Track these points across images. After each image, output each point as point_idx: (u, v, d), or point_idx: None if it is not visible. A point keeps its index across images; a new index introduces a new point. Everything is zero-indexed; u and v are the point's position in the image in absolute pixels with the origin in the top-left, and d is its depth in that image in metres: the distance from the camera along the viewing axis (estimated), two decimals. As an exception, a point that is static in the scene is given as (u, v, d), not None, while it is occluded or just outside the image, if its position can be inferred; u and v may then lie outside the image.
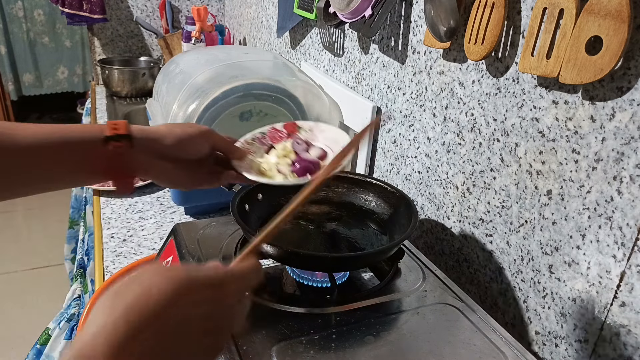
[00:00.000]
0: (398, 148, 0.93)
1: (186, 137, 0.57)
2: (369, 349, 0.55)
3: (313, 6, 1.16)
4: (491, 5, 0.64)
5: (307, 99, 1.05)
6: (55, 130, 0.50)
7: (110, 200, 1.08)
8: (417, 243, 0.90)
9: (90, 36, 2.11)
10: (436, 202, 0.84)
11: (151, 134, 0.56)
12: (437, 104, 0.81)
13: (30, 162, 0.48)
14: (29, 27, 3.47)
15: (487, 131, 0.71)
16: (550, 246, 0.63)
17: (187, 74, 1.08)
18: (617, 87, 0.52)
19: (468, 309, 0.63)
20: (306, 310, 0.60)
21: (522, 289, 0.68)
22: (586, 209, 0.57)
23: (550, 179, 0.62)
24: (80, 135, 0.51)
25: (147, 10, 2.13)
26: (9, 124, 0.47)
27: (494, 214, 0.71)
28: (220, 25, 2.00)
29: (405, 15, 0.87)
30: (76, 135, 0.51)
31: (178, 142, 0.57)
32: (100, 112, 1.64)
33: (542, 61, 0.57)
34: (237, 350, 0.53)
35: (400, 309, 0.62)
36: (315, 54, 1.29)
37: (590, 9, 0.52)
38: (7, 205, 2.86)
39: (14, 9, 3.39)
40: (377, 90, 0.98)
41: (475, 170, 0.74)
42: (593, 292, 0.57)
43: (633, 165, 0.52)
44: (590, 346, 0.58)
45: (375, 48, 0.98)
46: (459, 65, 0.75)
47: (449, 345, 0.56)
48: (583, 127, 0.57)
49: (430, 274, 0.70)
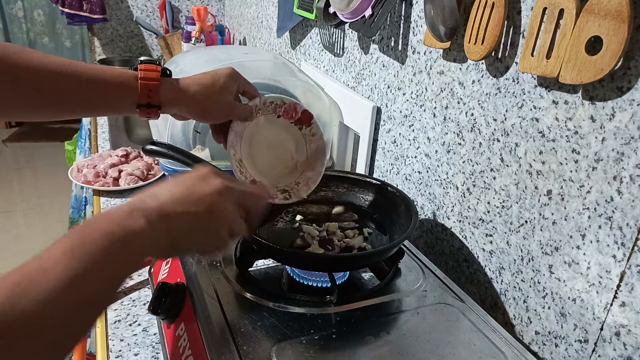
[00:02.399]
0: (398, 148, 0.93)
1: (215, 88, 0.62)
2: (369, 349, 0.55)
3: (313, 6, 1.16)
4: (491, 5, 0.64)
5: (307, 99, 1.05)
6: (101, 72, 0.57)
7: (111, 200, 1.08)
8: (417, 243, 0.90)
9: (90, 36, 2.11)
10: (436, 202, 0.84)
11: (181, 96, 0.61)
12: (437, 104, 0.81)
13: (91, 90, 0.57)
14: (29, 27, 3.47)
15: (487, 131, 0.71)
16: (550, 246, 0.63)
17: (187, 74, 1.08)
18: (617, 87, 0.52)
19: (468, 309, 0.63)
20: (306, 310, 0.60)
21: (522, 289, 0.68)
22: (586, 209, 0.57)
23: (550, 179, 0.62)
24: (114, 94, 0.59)
25: (147, 10, 2.13)
26: (68, 61, 0.56)
27: (494, 214, 0.71)
28: (220, 25, 2.00)
29: (405, 15, 0.87)
30: (112, 91, 0.58)
31: (206, 95, 0.61)
32: (100, 112, 1.65)
33: (542, 61, 0.57)
34: (237, 350, 0.53)
35: (400, 309, 0.62)
36: (315, 54, 1.29)
37: (590, 9, 0.52)
38: (7, 205, 2.87)
39: (14, 9, 3.39)
40: (377, 90, 0.98)
41: (475, 170, 0.74)
42: (593, 292, 0.57)
43: (633, 165, 0.52)
44: (590, 346, 0.58)
45: (375, 48, 0.98)
46: (459, 65, 0.75)
47: (449, 345, 0.56)
48: (583, 127, 0.57)
49: (430, 274, 0.70)
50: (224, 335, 0.55)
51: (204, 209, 0.46)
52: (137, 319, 0.73)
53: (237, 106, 0.64)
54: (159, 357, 0.66)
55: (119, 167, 1.14)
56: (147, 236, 0.41)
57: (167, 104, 0.60)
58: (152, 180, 1.13)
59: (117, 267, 0.39)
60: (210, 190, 0.47)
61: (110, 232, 0.38)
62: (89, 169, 1.13)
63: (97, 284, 0.37)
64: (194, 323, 0.59)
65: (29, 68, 0.53)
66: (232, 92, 0.63)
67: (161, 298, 0.62)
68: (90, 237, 0.37)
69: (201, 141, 0.99)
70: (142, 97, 0.58)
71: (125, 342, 0.69)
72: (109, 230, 0.38)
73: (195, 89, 0.60)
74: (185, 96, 0.60)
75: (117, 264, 0.38)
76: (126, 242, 0.39)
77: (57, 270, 0.34)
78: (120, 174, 1.11)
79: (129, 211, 0.41)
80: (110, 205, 1.06)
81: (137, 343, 0.69)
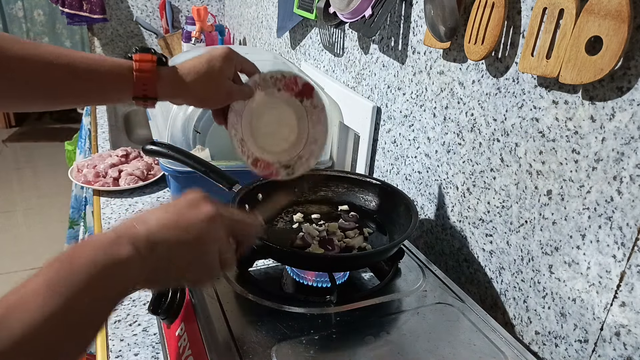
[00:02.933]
0: (398, 148, 0.93)
1: (212, 74, 0.60)
2: (369, 349, 0.55)
3: (313, 6, 1.16)
4: (491, 5, 0.64)
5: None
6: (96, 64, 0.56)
7: (110, 200, 1.07)
8: (417, 243, 0.90)
9: (90, 36, 2.11)
10: (436, 202, 0.84)
11: (177, 87, 0.60)
12: (437, 104, 0.81)
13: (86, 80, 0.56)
14: (29, 27, 3.47)
15: (487, 131, 0.71)
16: (550, 246, 0.63)
17: (187, 74, 1.08)
18: (617, 87, 0.52)
19: (468, 309, 0.63)
20: (306, 310, 0.60)
21: (522, 289, 0.68)
22: (586, 209, 0.57)
23: (550, 179, 0.62)
24: (110, 85, 0.57)
25: (147, 10, 2.13)
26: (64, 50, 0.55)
27: (494, 214, 0.71)
28: (220, 25, 2.00)
29: (405, 15, 0.87)
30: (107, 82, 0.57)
31: (204, 83, 0.60)
32: (100, 112, 1.65)
33: (542, 61, 0.57)
34: (237, 350, 0.53)
35: (400, 309, 0.62)
36: (315, 54, 1.29)
37: (590, 9, 0.52)
38: (7, 205, 2.87)
39: (14, 9, 3.39)
40: (377, 90, 0.98)
41: (475, 170, 0.74)
42: (593, 292, 0.57)
43: (633, 165, 0.52)
44: (590, 346, 0.58)
45: (375, 48, 0.98)
46: (459, 65, 0.75)
47: (449, 345, 0.56)
48: (583, 127, 0.57)
49: (430, 274, 0.70)
50: (224, 335, 0.55)
51: (194, 236, 0.44)
52: (137, 319, 0.73)
53: (235, 90, 0.63)
54: (159, 357, 0.66)
55: (119, 167, 1.14)
56: (134, 264, 0.39)
57: (164, 95, 0.59)
58: (152, 180, 1.13)
59: (99, 299, 0.37)
60: (201, 217, 0.45)
61: (93, 262, 0.36)
62: (89, 169, 1.13)
63: (80, 316, 0.35)
64: (194, 323, 0.59)
65: (22, 58, 0.52)
66: (230, 75, 0.62)
67: (161, 298, 0.62)
68: (74, 267, 0.35)
69: (201, 141, 0.99)
70: (137, 90, 0.57)
71: (125, 342, 0.69)
72: (93, 259, 0.36)
73: (192, 78, 0.59)
74: (181, 86, 0.59)
75: (99, 296, 0.37)
76: (111, 271, 0.37)
77: (37, 303, 0.32)
78: (120, 174, 1.11)
79: (115, 238, 0.39)
80: (110, 205, 1.06)
81: (137, 343, 0.69)
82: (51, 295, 0.33)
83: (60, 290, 0.34)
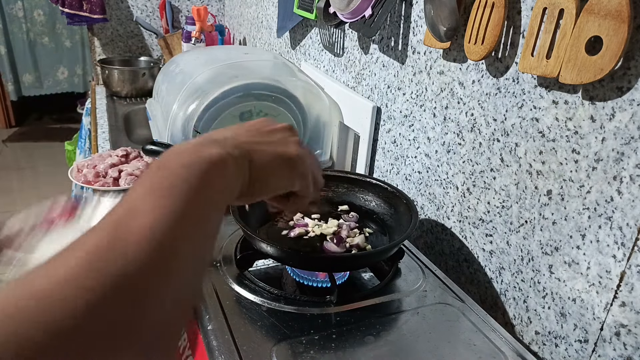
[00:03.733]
0: (398, 148, 0.93)
1: None
2: (369, 349, 0.55)
3: (313, 6, 1.16)
4: (491, 5, 0.64)
5: (307, 99, 1.05)
6: None
7: (110, 200, 1.07)
8: (417, 243, 0.90)
9: (90, 36, 2.11)
10: (436, 202, 0.84)
11: None
12: (437, 104, 0.81)
13: None
14: (28, 28, 3.48)
15: (487, 131, 0.71)
16: (550, 246, 0.63)
17: (187, 74, 1.08)
18: (617, 87, 0.52)
19: (468, 309, 0.63)
20: (306, 310, 0.60)
21: (522, 289, 0.68)
22: (586, 209, 0.57)
23: (550, 179, 0.62)
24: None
25: (147, 10, 2.13)
26: None
27: (494, 214, 0.71)
28: (220, 25, 2.00)
29: (405, 15, 0.87)
30: None
31: None
32: (100, 112, 1.64)
33: (542, 61, 0.57)
34: (237, 350, 0.53)
35: (400, 309, 0.62)
36: (315, 54, 1.29)
37: (590, 9, 0.52)
38: (7, 205, 2.87)
39: (13, 9, 3.39)
40: (377, 90, 0.98)
41: (475, 170, 0.74)
42: (593, 292, 0.57)
43: (633, 165, 0.52)
44: (590, 346, 0.58)
45: (375, 48, 0.98)
46: (459, 65, 0.75)
47: (449, 345, 0.56)
48: (583, 127, 0.57)
49: (430, 274, 0.70)
50: (224, 335, 0.55)
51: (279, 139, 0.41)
52: (137, 319, 0.73)
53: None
54: (159, 357, 0.66)
55: (119, 167, 1.14)
56: (227, 164, 0.34)
57: None
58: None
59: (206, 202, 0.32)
60: (282, 127, 0.42)
61: (187, 165, 0.32)
62: (89, 169, 1.13)
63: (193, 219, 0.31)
64: (193, 323, 0.59)
65: None
66: None
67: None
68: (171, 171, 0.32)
69: (201, 141, 0.98)
70: None
71: (125, 342, 0.69)
72: (186, 162, 0.32)
73: None
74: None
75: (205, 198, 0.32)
76: (207, 170, 0.33)
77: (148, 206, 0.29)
78: (120, 174, 1.11)
79: (198, 144, 0.34)
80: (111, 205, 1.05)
81: (137, 343, 0.69)
82: (161, 196, 0.30)
83: (166, 194, 0.30)
